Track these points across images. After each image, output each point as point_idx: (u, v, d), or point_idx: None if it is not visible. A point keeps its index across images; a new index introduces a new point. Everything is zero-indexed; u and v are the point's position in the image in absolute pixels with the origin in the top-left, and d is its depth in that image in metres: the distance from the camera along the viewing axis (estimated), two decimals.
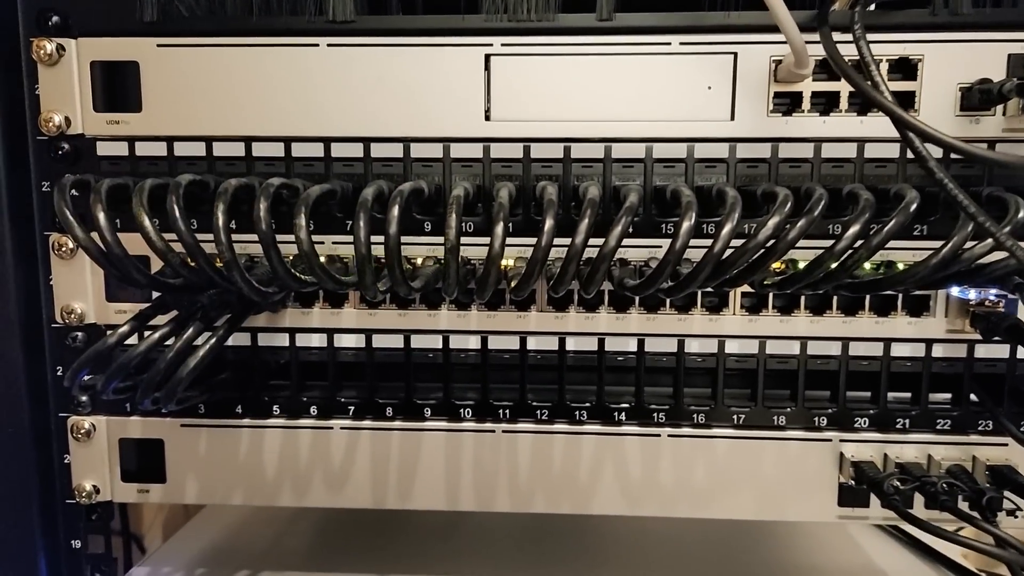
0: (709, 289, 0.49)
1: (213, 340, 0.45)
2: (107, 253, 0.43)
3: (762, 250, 0.40)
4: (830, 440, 0.50)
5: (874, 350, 0.50)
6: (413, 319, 0.51)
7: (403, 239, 0.49)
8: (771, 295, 0.49)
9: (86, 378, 0.46)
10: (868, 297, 0.49)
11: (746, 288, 0.49)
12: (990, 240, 0.39)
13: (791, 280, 0.42)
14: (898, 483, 0.45)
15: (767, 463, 0.51)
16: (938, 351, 0.49)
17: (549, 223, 0.41)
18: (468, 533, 0.64)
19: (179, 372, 0.44)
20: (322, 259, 0.45)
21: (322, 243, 0.50)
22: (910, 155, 0.47)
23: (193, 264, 0.43)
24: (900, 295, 0.48)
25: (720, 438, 0.51)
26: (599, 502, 0.52)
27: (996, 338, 0.46)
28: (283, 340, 0.52)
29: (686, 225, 0.40)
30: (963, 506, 0.46)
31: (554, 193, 0.44)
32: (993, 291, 0.47)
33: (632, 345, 0.51)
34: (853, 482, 0.49)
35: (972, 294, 0.47)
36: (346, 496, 0.53)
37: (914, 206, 0.40)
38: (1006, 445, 0.49)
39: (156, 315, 0.47)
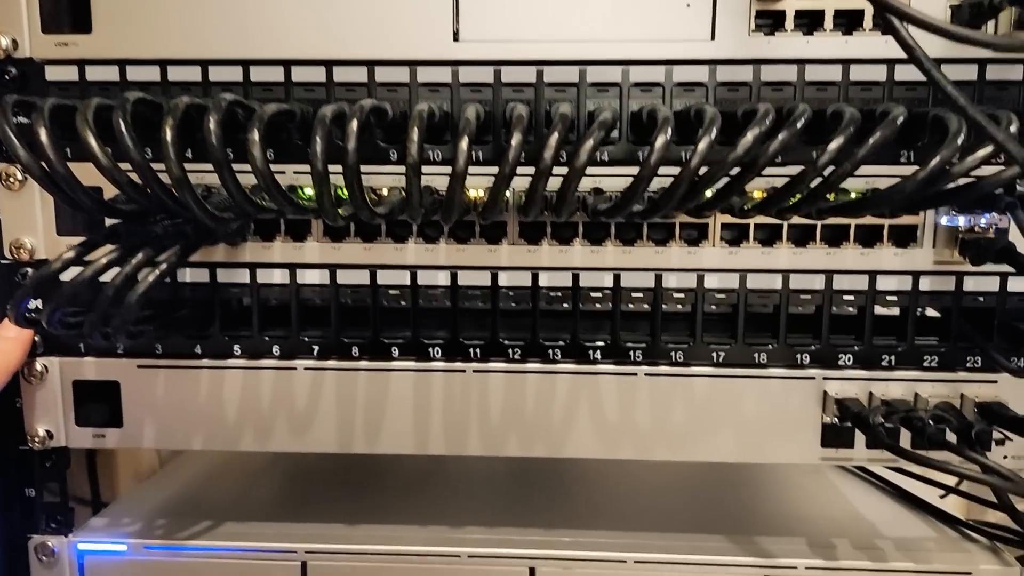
0: (688, 220, 0.47)
1: (164, 266, 0.43)
2: (51, 174, 0.40)
3: (740, 167, 0.38)
4: (813, 378, 0.48)
5: (859, 283, 0.48)
6: (379, 253, 0.49)
7: (367, 168, 0.47)
8: (752, 227, 0.47)
9: (31, 308, 0.43)
10: (852, 228, 0.47)
11: (726, 219, 0.47)
12: (979, 154, 0.37)
13: (772, 200, 0.40)
14: (883, 418, 0.43)
15: (748, 403, 0.49)
16: (925, 284, 0.47)
17: (517, 138, 0.39)
18: (443, 483, 0.62)
19: (127, 298, 0.41)
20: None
21: (283, 172, 0.47)
22: (897, 77, 0.45)
23: (143, 185, 0.40)
24: (886, 225, 0.46)
25: (699, 377, 0.49)
26: (574, 444, 0.50)
27: (987, 264, 0.44)
28: (243, 276, 0.50)
29: (661, 140, 0.38)
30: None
31: (524, 111, 0.41)
32: (984, 218, 0.45)
33: (608, 280, 0.49)
34: (837, 420, 0.47)
35: (961, 221, 0.45)
36: (311, 440, 0.51)
37: (901, 119, 0.38)
38: (995, 382, 0.48)
39: (105, 244, 0.45)
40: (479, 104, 0.44)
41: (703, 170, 0.38)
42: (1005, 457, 0.48)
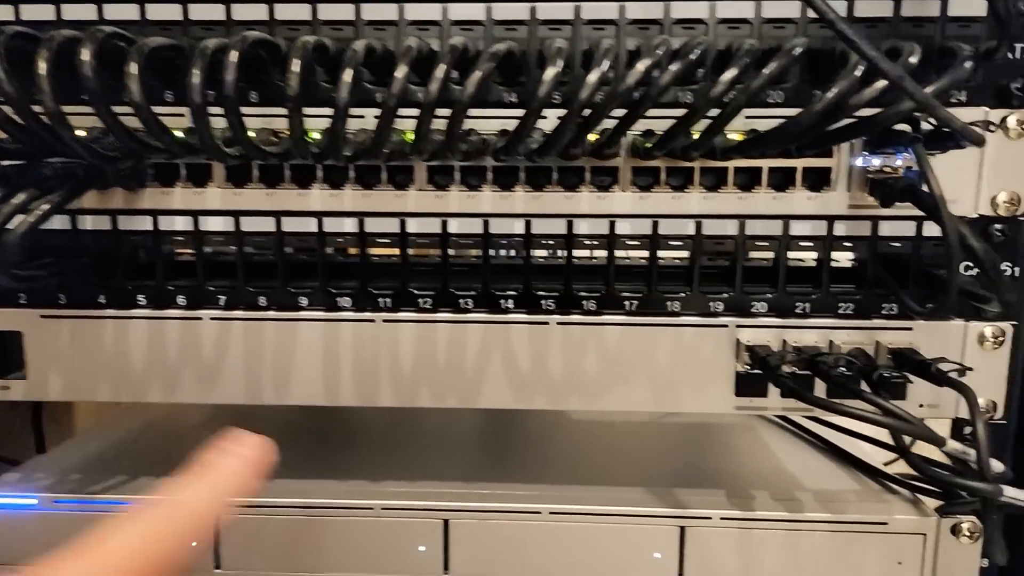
0: (598, 163, 0.46)
1: (45, 207, 0.41)
2: None
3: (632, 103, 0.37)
4: (726, 326, 0.47)
5: (773, 229, 0.46)
6: (283, 199, 0.47)
7: (268, 110, 0.46)
8: (663, 171, 0.46)
9: None
10: (765, 171, 0.45)
11: (636, 162, 0.46)
12: (876, 85, 0.36)
13: (668, 137, 0.39)
14: (791, 363, 0.42)
15: (661, 352, 0.48)
16: (840, 229, 0.46)
17: (402, 71, 0.37)
18: (364, 438, 0.61)
19: (8, 237, 0.40)
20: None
21: (181, 116, 0.46)
22: (811, 14, 0.44)
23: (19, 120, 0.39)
24: (799, 168, 0.45)
25: (612, 326, 0.48)
26: (487, 395, 0.49)
27: (895, 203, 0.43)
28: (147, 223, 0.48)
29: (550, 72, 0.37)
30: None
31: (414, 43, 0.40)
32: (898, 159, 0.44)
33: (519, 227, 0.47)
34: (749, 368, 0.46)
35: (876, 162, 0.44)
36: (219, 392, 0.50)
37: (798, 50, 0.37)
38: (910, 329, 0.47)
39: None
40: (374, 40, 0.43)
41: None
42: (921, 406, 0.47)
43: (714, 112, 0.38)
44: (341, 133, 0.38)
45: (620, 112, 0.39)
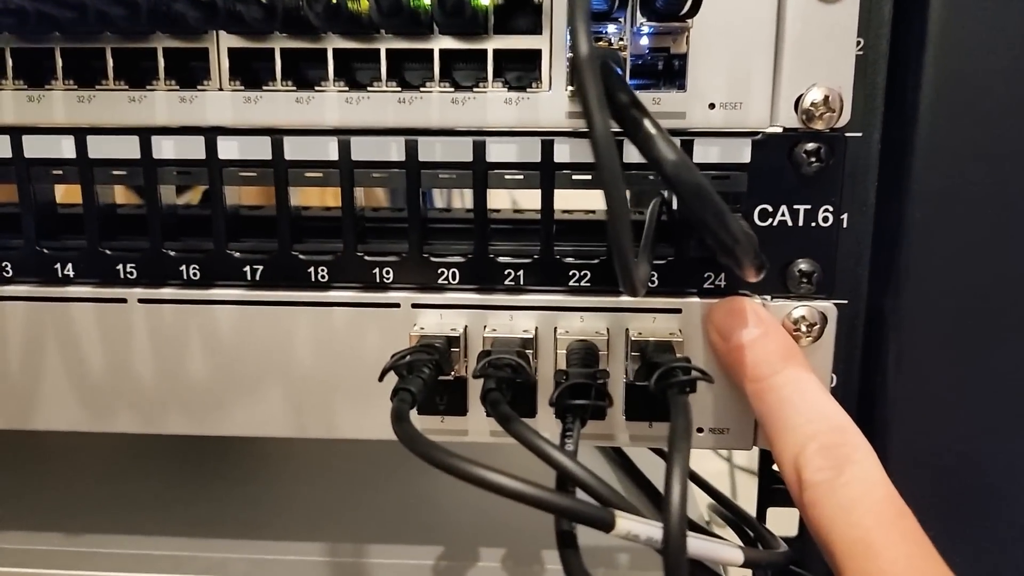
0: (180, 44, 0.29)
1: None
2: None
3: None
4: (399, 305, 0.30)
5: (459, 152, 0.29)
6: None
7: None
8: (278, 56, 0.29)
9: None
10: (437, 57, 0.28)
11: (234, 41, 0.29)
12: None
13: None
14: (414, 365, 0.25)
15: (301, 344, 0.31)
16: (563, 153, 0.29)
17: None
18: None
19: None
20: None
21: None
22: None
23: None
24: (489, 50, 0.28)
25: (223, 304, 0.31)
26: (46, 412, 0.32)
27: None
28: None
29: None
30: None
31: None
32: (608, 30, 0.27)
33: (68, 148, 0.30)
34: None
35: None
36: None
37: None
38: (679, 311, 0.30)
39: None
40: None
41: None
42: (700, 430, 0.30)
43: None
44: None
45: None
